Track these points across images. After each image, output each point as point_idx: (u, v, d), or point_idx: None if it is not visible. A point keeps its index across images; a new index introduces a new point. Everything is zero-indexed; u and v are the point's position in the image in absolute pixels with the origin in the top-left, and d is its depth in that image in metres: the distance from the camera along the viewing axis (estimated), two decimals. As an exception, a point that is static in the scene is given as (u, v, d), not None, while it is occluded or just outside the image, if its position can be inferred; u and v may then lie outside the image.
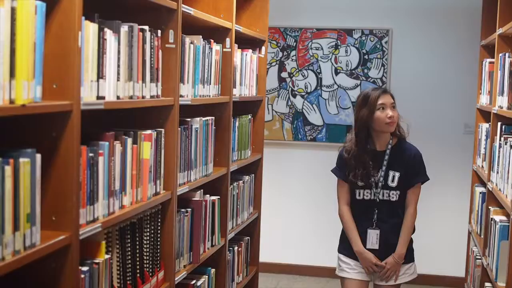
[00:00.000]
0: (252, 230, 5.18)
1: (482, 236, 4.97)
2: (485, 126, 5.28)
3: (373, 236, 3.92)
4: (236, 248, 4.66)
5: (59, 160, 2.32)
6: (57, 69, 2.29)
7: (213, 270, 4.10)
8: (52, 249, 2.25)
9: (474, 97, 5.98)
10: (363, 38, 6.60)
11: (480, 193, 5.22)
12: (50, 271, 2.34)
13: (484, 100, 5.33)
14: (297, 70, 6.73)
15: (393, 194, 3.92)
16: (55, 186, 2.33)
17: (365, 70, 6.61)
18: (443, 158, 6.48)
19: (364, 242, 3.94)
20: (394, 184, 3.90)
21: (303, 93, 6.73)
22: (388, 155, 3.91)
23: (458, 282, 6.25)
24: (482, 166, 5.31)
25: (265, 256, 5.93)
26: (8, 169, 2.00)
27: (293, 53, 6.73)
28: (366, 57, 6.60)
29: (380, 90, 3.93)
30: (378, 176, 3.90)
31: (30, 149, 2.13)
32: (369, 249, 3.92)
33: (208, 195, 3.91)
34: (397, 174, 3.90)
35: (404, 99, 6.51)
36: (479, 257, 5.01)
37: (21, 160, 2.07)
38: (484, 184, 5.14)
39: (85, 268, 2.49)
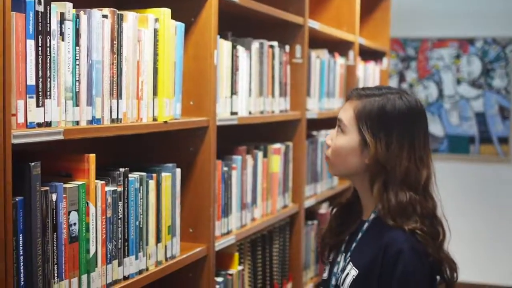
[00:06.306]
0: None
1: None
2: None
3: None
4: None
5: (196, 174, 2.40)
6: (194, 87, 2.38)
7: (338, 283, 4.10)
8: (191, 260, 2.34)
9: None
10: (486, 47, 6.45)
11: None
12: (187, 281, 2.43)
13: None
14: (418, 81, 6.65)
15: None
16: (192, 199, 2.41)
17: (488, 80, 6.46)
18: None
19: None
20: None
21: (424, 104, 6.64)
22: (363, 233, 1.99)
23: None
24: None
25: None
26: (152, 183, 2.09)
27: (413, 63, 6.66)
28: (489, 66, 6.45)
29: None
30: (337, 268, 2.03)
31: (171, 164, 2.21)
32: None
33: (333, 208, 3.92)
34: (353, 273, 1.93)
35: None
36: None
37: (163, 174, 2.16)
38: None
39: (219, 279, 2.56)
